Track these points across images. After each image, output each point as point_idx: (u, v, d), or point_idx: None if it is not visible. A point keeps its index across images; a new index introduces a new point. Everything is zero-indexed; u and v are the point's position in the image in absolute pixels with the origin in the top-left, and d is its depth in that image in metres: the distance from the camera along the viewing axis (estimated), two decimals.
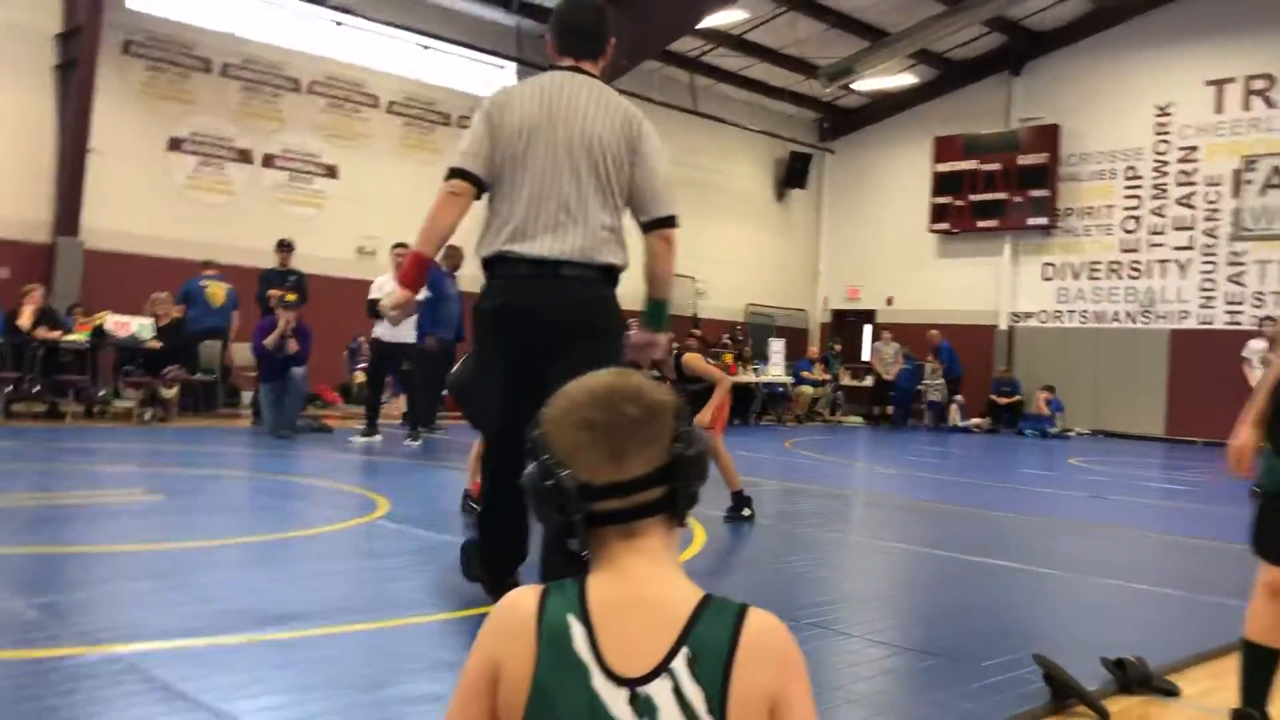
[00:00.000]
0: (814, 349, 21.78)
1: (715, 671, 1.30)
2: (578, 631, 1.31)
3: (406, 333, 10.61)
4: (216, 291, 13.30)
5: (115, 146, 14.13)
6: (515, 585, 4.06)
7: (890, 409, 20.02)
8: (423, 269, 3.88)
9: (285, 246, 12.86)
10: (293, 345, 11.38)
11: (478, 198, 3.78)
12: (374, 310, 10.69)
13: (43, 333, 11.69)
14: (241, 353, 13.33)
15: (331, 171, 16.59)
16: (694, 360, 7.03)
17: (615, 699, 1.28)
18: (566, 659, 1.30)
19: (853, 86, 21.60)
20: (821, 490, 9.35)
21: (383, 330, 10.73)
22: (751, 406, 18.68)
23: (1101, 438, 18.92)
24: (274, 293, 11.89)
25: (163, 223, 14.61)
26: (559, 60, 3.89)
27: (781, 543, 6.35)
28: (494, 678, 1.35)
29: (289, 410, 11.39)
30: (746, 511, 6.75)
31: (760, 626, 1.34)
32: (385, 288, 10.66)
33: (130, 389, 12.33)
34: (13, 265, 13.31)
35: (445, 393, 10.73)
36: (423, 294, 10.54)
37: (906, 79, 21.89)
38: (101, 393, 12.31)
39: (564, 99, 3.73)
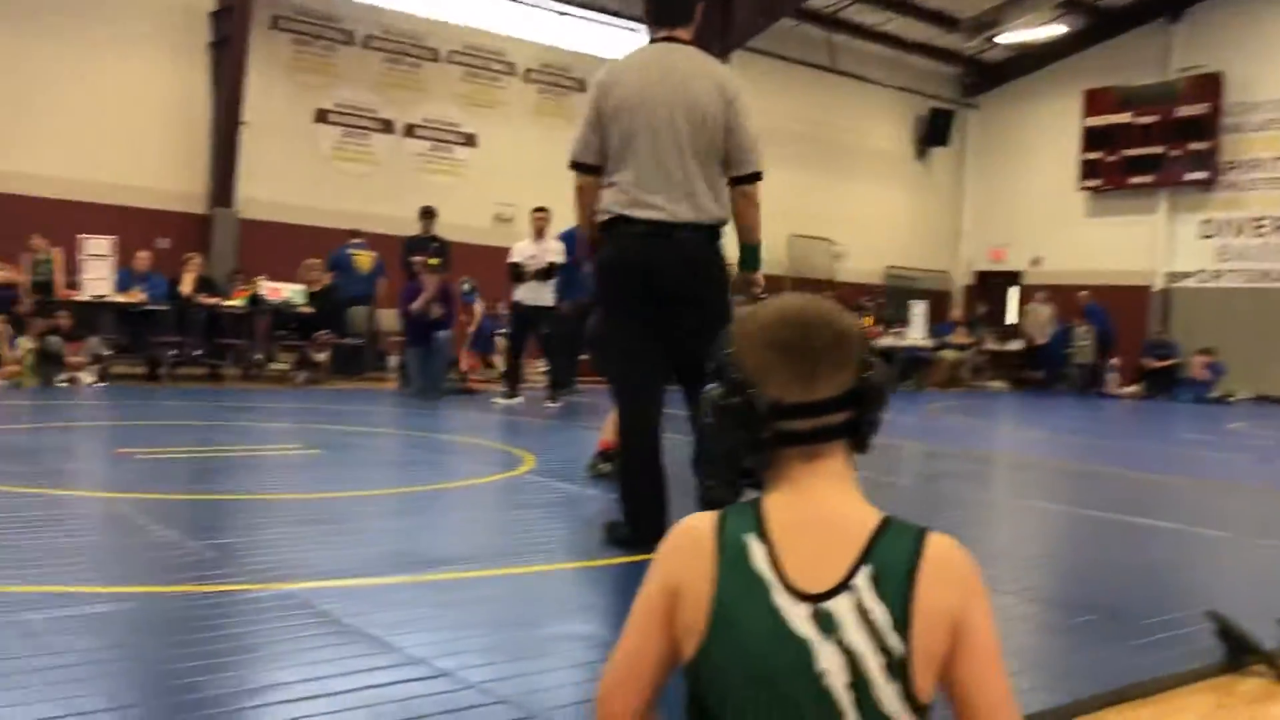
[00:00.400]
0: (957, 312, 21.23)
1: (899, 589, 1.30)
2: (757, 549, 1.33)
3: (546, 296, 10.76)
4: (364, 260, 13.74)
5: (265, 119, 14.66)
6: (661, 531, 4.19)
7: (1038, 373, 19.40)
8: (593, 246, 4.28)
9: (428, 214, 13.15)
10: (438, 310, 11.67)
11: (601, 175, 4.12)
12: (516, 274, 10.88)
13: (203, 299, 12.27)
14: (387, 318, 13.76)
15: (470, 140, 16.88)
16: None
17: (797, 614, 1.29)
18: (747, 576, 1.31)
19: (997, 39, 20.84)
20: (967, 453, 9.14)
21: (523, 294, 10.89)
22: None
23: (1267, 403, 17.94)
24: (418, 259, 12.18)
25: (310, 192, 15.12)
26: (655, 32, 4.19)
27: (926, 502, 6.23)
28: (672, 600, 1.37)
29: (434, 372, 11.71)
30: None
31: (943, 547, 1.34)
32: (525, 251, 10.85)
33: (284, 352, 12.86)
34: (173, 235, 13.98)
35: (583, 356, 10.90)
36: (561, 258, 10.73)
37: (1055, 29, 20.96)
38: (258, 356, 12.87)
39: (664, 70, 4.02)
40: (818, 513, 1.36)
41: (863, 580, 1.30)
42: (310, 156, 15.27)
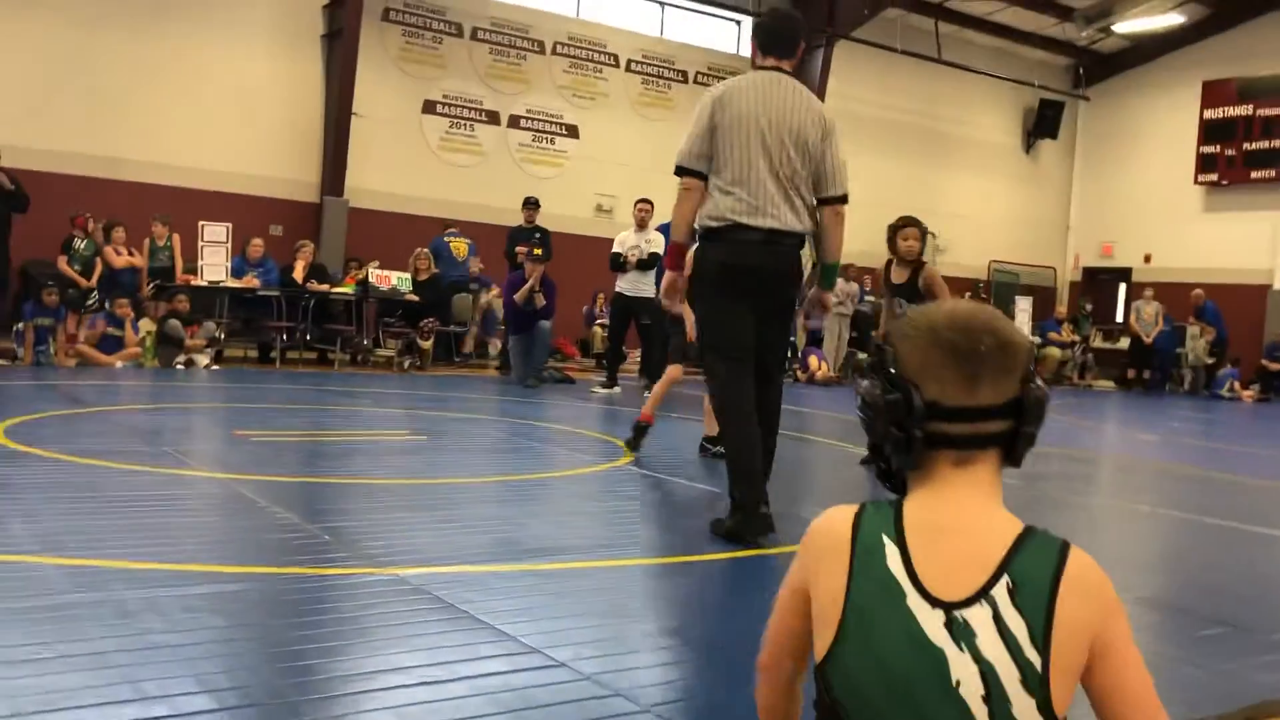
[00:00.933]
0: (1062, 308, 20.68)
1: (1038, 603, 1.28)
2: (892, 552, 1.33)
3: (647, 287, 10.79)
4: (459, 246, 14.00)
5: (375, 110, 14.98)
6: (767, 519, 4.33)
7: (1146, 373, 18.81)
8: (681, 254, 4.68)
9: (531, 204, 13.29)
10: (540, 299, 11.79)
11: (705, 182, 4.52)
12: (618, 264, 10.93)
13: (313, 286, 12.59)
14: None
15: (573, 131, 17.00)
16: (933, 273, 6.75)
17: (930, 621, 1.29)
18: (881, 578, 1.32)
19: (1112, 28, 20.21)
20: (1074, 454, 8.91)
21: (625, 284, 10.94)
22: None
23: None
24: (522, 249, 12.32)
25: (418, 182, 15.41)
26: (763, 61, 4.61)
27: (1032, 505, 6.09)
28: (806, 594, 1.39)
29: (536, 361, 11.84)
30: None
31: (1083, 563, 1.33)
32: (628, 242, 10.88)
33: (390, 339, 13.14)
34: (285, 223, 14.38)
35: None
36: (662, 250, 10.74)
37: (1173, 18, 20.24)
38: (365, 342, 13.17)
39: (776, 98, 4.46)
40: (958, 519, 1.35)
41: (1000, 591, 1.29)
42: (418, 147, 15.56)
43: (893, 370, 1.38)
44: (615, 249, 10.99)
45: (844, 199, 4.59)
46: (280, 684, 2.51)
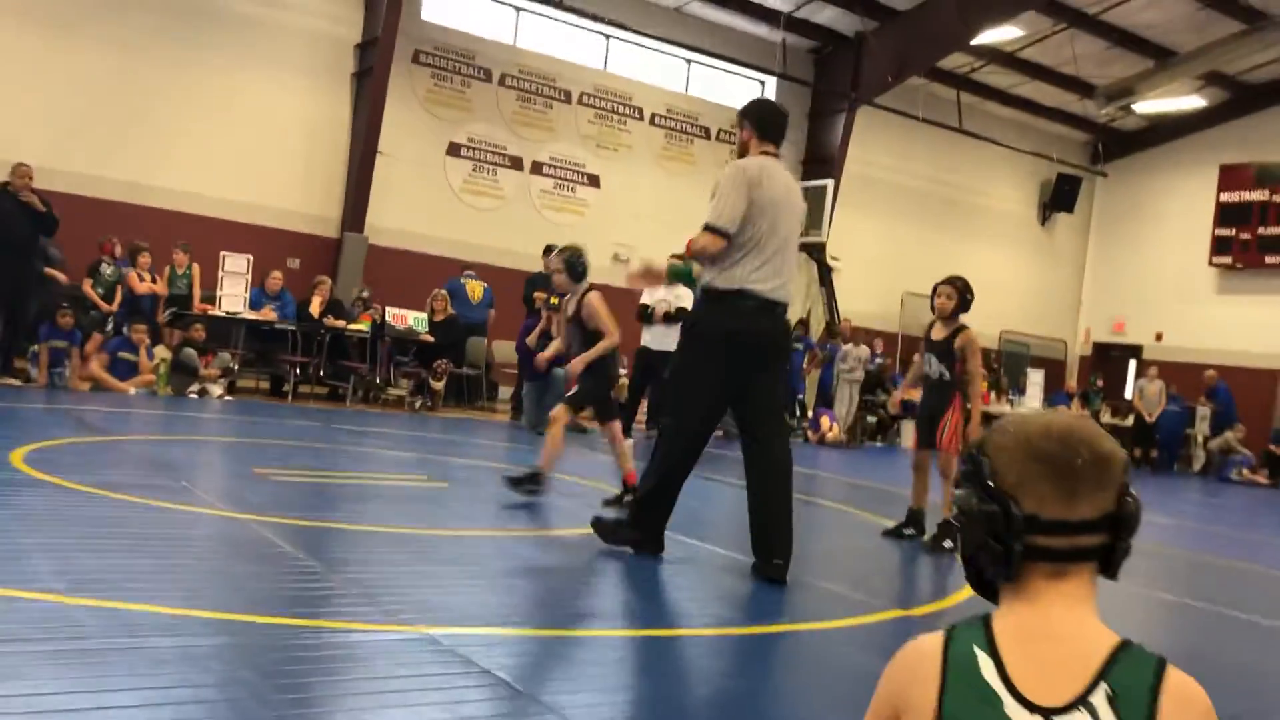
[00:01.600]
0: (1072, 383, 20.69)
1: (1138, 713, 1.28)
2: (986, 662, 1.33)
3: (672, 341, 10.73)
4: (475, 289, 14.02)
5: (400, 150, 15.08)
6: (660, 544, 4.93)
7: (1153, 452, 18.75)
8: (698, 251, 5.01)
9: (551, 251, 13.31)
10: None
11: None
12: (645, 316, 10.86)
13: (330, 321, 12.59)
14: (501, 349, 13.96)
15: (594, 180, 17.10)
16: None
17: None
18: (976, 688, 1.31)
19: (1133, 108, 20.40)
20: None
21: (650, 339, 10.86)
22: None
23: None
24: (540, 295, 12.32)
25: (438, 223, 15.47)
26: (762, 146, 5.08)
27: None
28: (895, 716, 1.37)
29: (549, 408, 11.77)
30: (949, 544, 6.36)
31: (1184, 681, 1.33)
32: (655, 294, 10.85)
33: (402, 378, 13.11)
34: (304, 257, 14.43)
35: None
36: (689, 304, 10.71)
37: (1193, 101, 20.45)
38: (377, 380, 13.15)
39: (786, 183, 5.04)
40: (1052, 629, 1.35)
41: (1100, 699, 1.28)
42: (440, 188, 15.64)
43: (990, 482, 1.38)
44: (643, 300, 10.96)
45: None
46: None
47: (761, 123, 5.09)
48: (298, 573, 4.14)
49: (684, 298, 10.72)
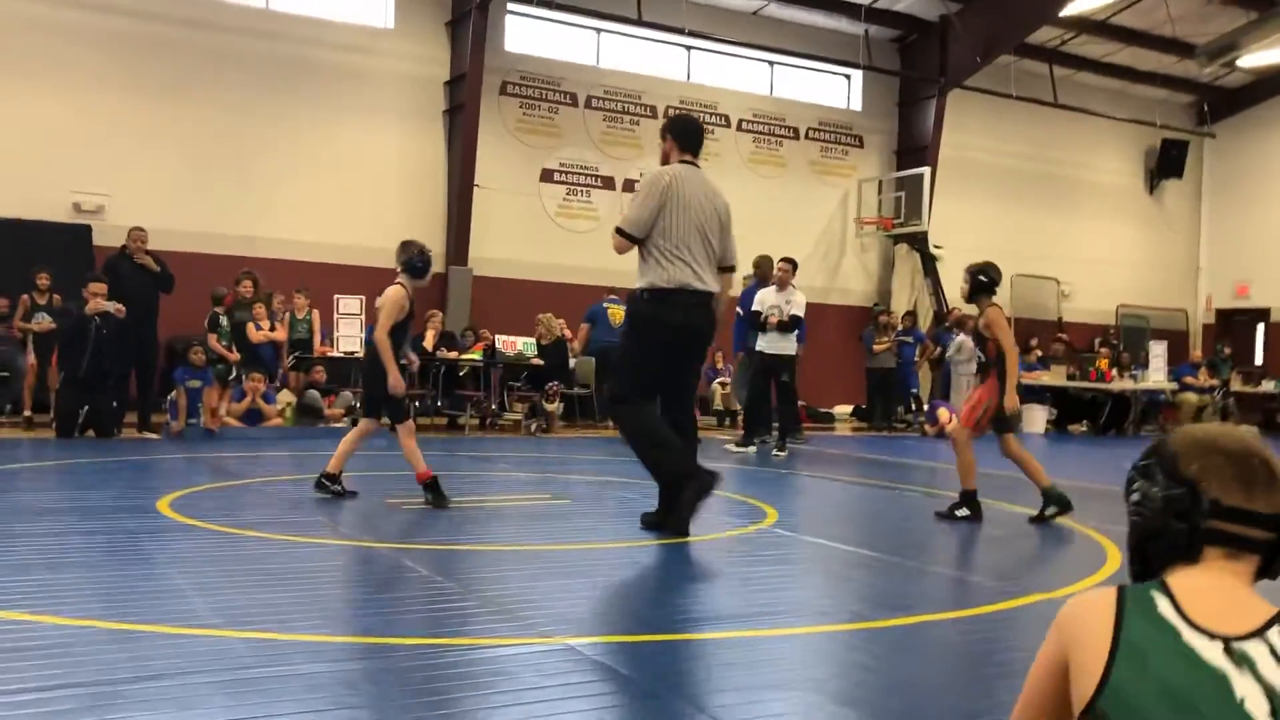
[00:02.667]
0: (1197, 352, 19.93)
1: None
2: (1162, 601, 1.44)
3: (787, 346, 10.73)
4: (616, 313, 14.12)
5: (495, 181, 15.37)
6: (711, 476, 5.50)
7: None
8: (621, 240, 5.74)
9: None
10: None
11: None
12: (759, 323, 10.86)
13: (443, 353, 12.89)
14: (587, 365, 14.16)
15: None
16: (996, 315, 6.77)
17: (1209, 649, 1.38)
18: (1154, 623, 1.42)
19: (1236, 64, 19.62)
20: None
21: (765, 344, 10.87)
22: (1130, 416, 17.37)
23: None
24: None
25: (537, 249, 15.71)
26: (681, 156, 5.74)
27: None
28: (1062, 661, 1.49)
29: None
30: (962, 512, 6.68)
31: None
32: (768, 301, 10.83)
33: (516, 403, 13.34)
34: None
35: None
36: (803, 311, 10.70)
37: None
38: (493, 406, 13.40)
39: (704, 187, 5.65)
40: (1224, 592, 1.46)
41: (1276, 635, 1.39)
42: (537, 214, 15.90)
43: (1176, 470, 1.52)
44: (755, 307, 10.97)
45: (733, 268, 5.93)
46: None
47: (680, 135, 5.79)
48: (436, 594, 4.25)
49: (796, 304, 10.70)
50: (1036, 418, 16.52)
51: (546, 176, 16.08)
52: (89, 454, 8.89)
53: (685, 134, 5.82)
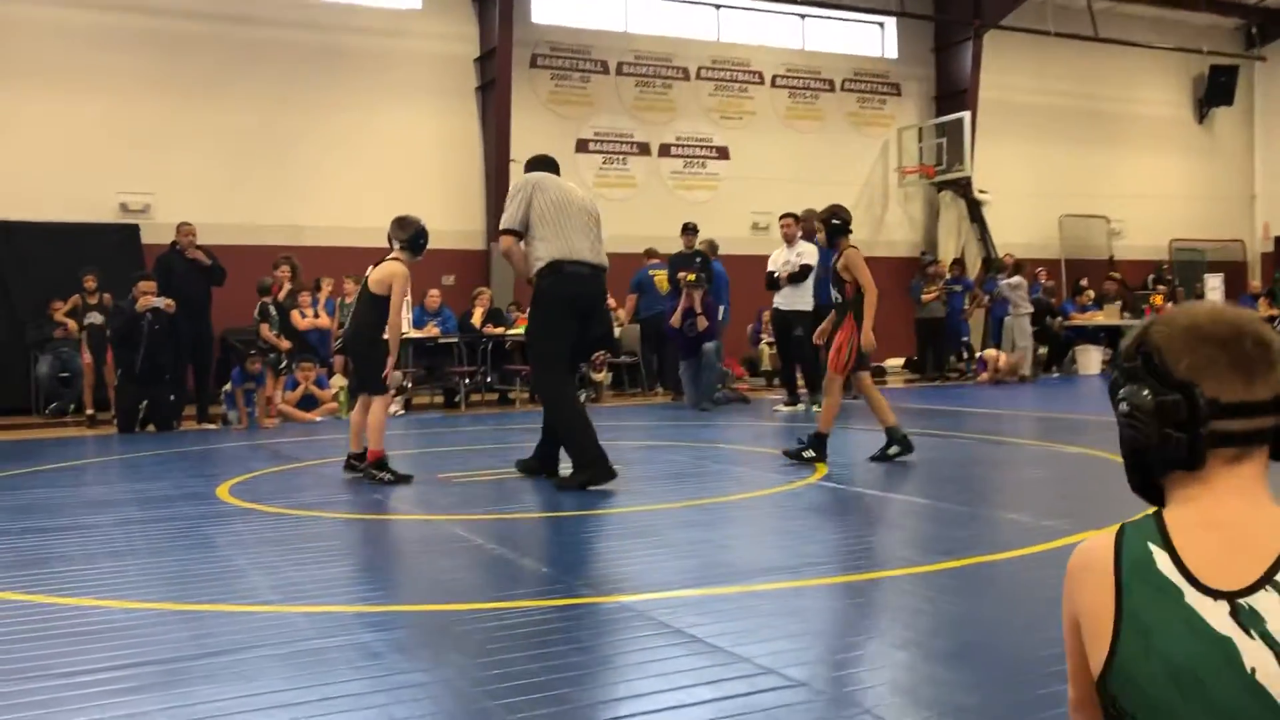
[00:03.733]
0: (1256, 283, 19.50)
1: None
2: (1161, 556, 1.30)
3: (801, 300, 10.74)
4: (661, 279, 14.08)
5: (531, 154, 15.31)
6: (610, 468, 6.10)
7: None
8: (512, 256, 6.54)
9: (690, 230, 13.35)
10: (702, 322, 11.83)
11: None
12: (772, 283, 10.90)
13: (489, 329, 12.98)
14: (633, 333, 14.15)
15: (723, 153, 17.06)
16: (854, 257, 6.98)
17: (1214, 612, 1.25)
18: (1155, 583, 1.29)
19: None
20: None
21: (781, 300, 10.93)
22: None
23: None
24: (682, 274, 12.40)
25: None
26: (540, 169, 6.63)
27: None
28: (1077, 622, 1.38)
29: (705, 384, 11.87)
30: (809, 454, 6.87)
31: None
32: (779, 259, 10.85)
33: None
34: (457, 272, 14.90)
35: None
36: (813, 260, 10.64)
37: None
38: None
39: (559, 186, 6.49)
40: (1229, 516, 1.32)
41: None
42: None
43: (1164, 372, 1.35)
44: (769, 268, 11.03)
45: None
46: (531, 714, 2.57)
47: (532, 164, 6.74)
48: (491, 561, 4.32)
49: (806, 254, 10.68)
50: (1092, 359, 16.29)
51: (582, 147, 16.06)
52: (150, 447, 9.10)
53: (541, 166, 6.70)
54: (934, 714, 2.50)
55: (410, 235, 6.85)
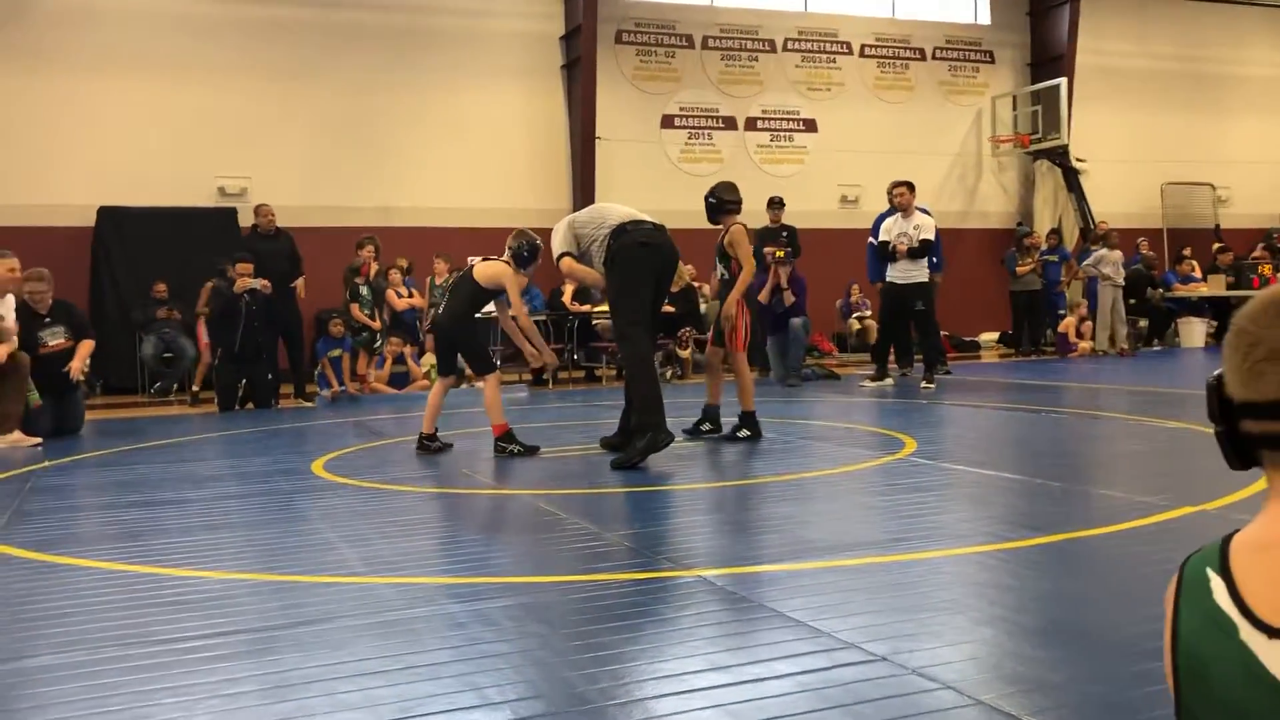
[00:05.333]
0: None
1: None
2: (1217, 585, 1.18)
3: (919, 273, 10.43)
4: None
5: (616, 131, 15.39)
6: (669, 433, 6.03)
7: None
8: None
9: (776, 204, 13.23)
10: (789, 297, 11.73)
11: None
12: (887, 253, 10.62)
13: (575, 307, 13.05)
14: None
15: (810, 125, 16.85)
16: (738, 233, 7.35)
17: (1270, 654, 1.13)
18: (1209, 615, 1.18)
19: None
20: None
21: (895, 273, 10.60)
22: None
23: None
24: (769, 250, 12.29)
25: (661, 197, 15.63)
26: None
27: None
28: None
29: (792, 359, 11.78)
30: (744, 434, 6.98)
31: None
32: (894, 230, 10.56)
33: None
34: (543, 250, 14.98)
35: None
36: (932, 234, 10.42)
37: None
38: None
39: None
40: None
41: None
42: (659, 162, 15.87)
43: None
44: (882, 237, 10.72)
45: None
46: (610, 686, 2.59)
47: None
48: (574, 535, 4.35)
49: (925, 228, 10.40)
50: (1195, 332, 15.76)
51: (667, 122, 16.01)
52: (248, 424, 9.37)
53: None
54: (1019, 690, 2.45)
55: (516, 247, 6.96)
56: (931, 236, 10.41)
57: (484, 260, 7.12)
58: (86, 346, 8.99)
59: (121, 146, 13.42)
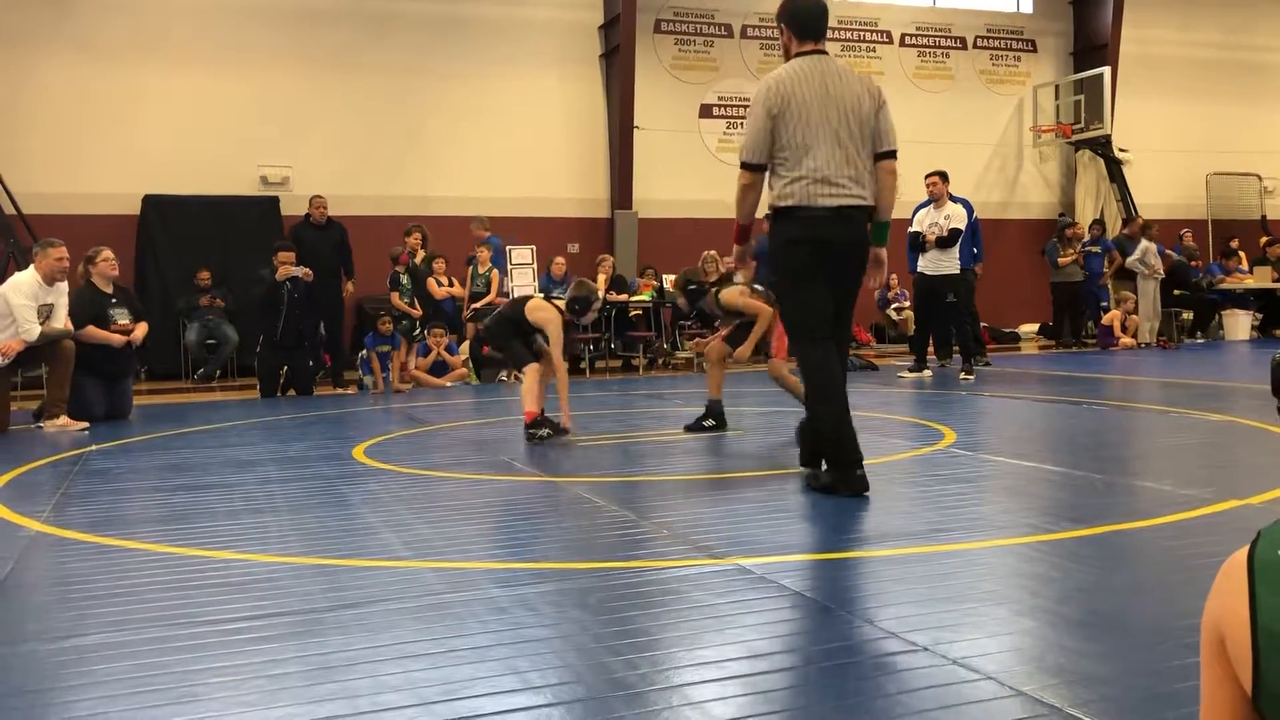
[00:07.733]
0: None
1: None
2: None
3: (949, 264, 10.40)
4: None
5: (655, 121, 15.37)
6: (863, 480, 4.64)
7: None
8: (742, 235, 5.14)
9: None
10: None
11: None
12: (917, 243, 10.59)
13: (612, 296, 13.07)
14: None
15: None
16: (729, 296, 7.12)
17: None
18: None
19: None
20: None
21: (926, 264, 10.58)
22: None
23: None
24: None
25: (699, 186, 15.66)
26: (801, 46, 4.82)
27: None
28: (1218, 638, 1.26)
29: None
30: (710, 422, 6.95)
31: None
32: (925, 220, 10.55)
33: (686, 341, 13.43)
34: (581, 240, 15.03)
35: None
36: (963, 224, 10.37)
37: None
38: (664, 345, 13.55)
39: (828, 79, 4.69)
40: None
41: None
42: (698, 151, 15.84)
43: None
44: (913, 228, 10.68)
45: (893, 154, 4.84)
46: (650, 671, 2.60)
47: (794, 21, 4.85)
48: (613, 522, 4.37)
49: (955, 217, 10.33)
50: (1240, 324, 15.53)
51: (705, 112, 15.97)
52: (290, 410, 9.48)
53: (799, 19, 4.83)
54: (1061, 682, 2.44)
55: (570, 299, 6.97)
56: (961, 226, 10.35)
57: (542, 298, 7.17)
58: (144, 327, 9.27)
59: (166, 136, 13.59)
